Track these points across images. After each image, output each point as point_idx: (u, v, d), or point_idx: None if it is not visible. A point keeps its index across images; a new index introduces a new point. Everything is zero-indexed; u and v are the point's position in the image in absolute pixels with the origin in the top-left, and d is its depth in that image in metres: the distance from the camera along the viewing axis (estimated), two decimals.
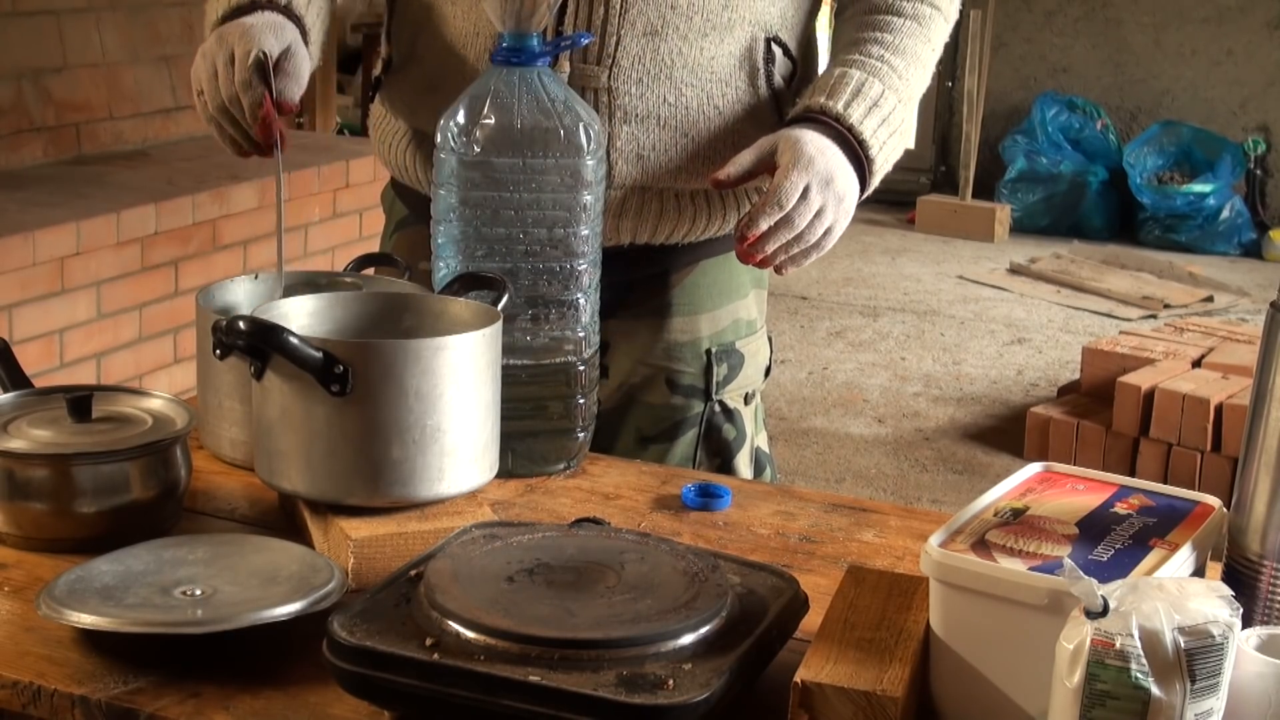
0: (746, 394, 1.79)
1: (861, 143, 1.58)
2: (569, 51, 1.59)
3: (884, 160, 1.62)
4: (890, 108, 1.61)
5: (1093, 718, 0.95)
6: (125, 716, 1.09)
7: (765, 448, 1.83)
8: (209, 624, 1.13)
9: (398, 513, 1.31)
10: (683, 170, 1.65)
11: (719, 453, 1.76)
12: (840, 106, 1.58)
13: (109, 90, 4.57)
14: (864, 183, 1.60)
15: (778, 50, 1.68)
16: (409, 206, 1.81)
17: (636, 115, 1.62)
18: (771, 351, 1.85)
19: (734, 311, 1.77)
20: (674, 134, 1.64)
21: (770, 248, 1.53)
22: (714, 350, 1.74)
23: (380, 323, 1.44)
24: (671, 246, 1.70)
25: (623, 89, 1.62)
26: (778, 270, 1.57)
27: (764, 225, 1.51)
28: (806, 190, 1.52)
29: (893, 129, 1.62)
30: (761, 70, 1.67)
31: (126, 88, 4.65)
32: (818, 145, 1.54)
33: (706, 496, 1.49)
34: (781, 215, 1.51)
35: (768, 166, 1.55)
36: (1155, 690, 0.94)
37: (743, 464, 1.78)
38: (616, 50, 1.60)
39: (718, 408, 1.75)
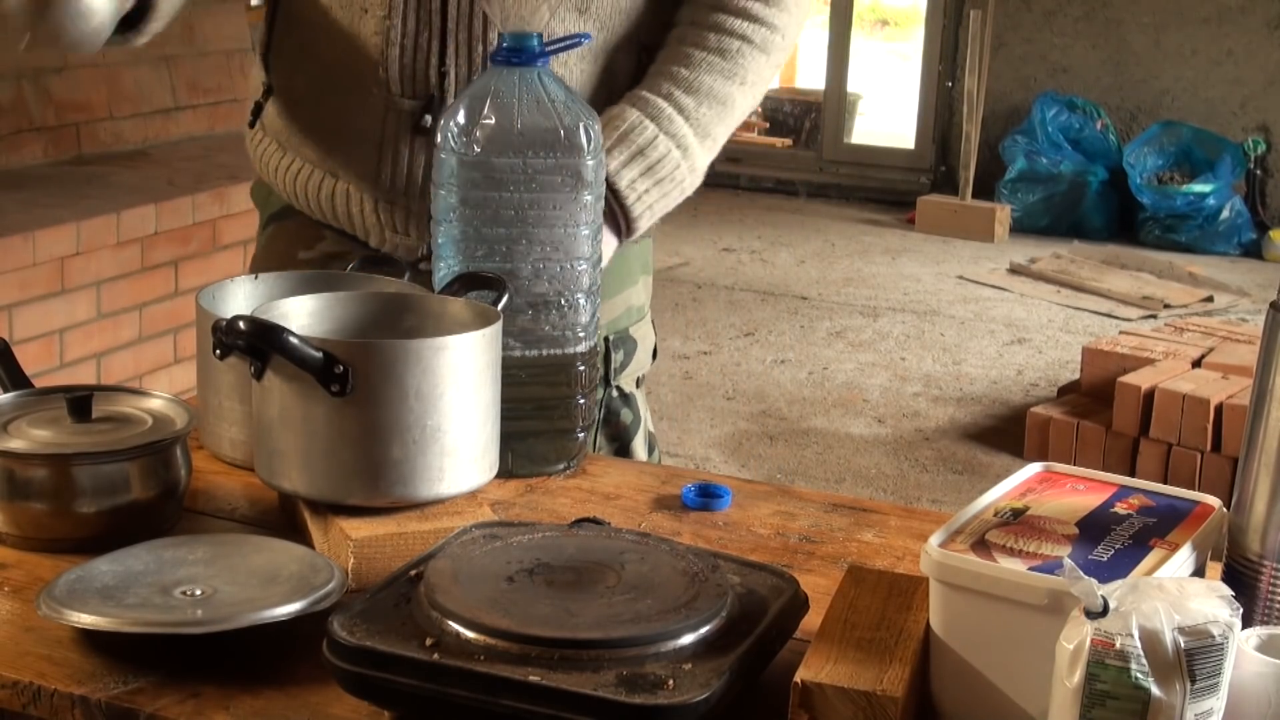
0: (638, 378, 1.83)
1: (616, 192, 1.61)
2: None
3: (645, 208, 1.64)
4: (661, 154, 1.63)
5: (1093, 718, 0.95)
6: (125, 716, 1.09)
7: (653, 429, 1.87)
8: (209, 624, 1.13)
9: (398, 513, 1.31)
10: None
11: (617, 437, 1.79)
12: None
13: (109, 90, 4.58)
14: (628, 226, 1.64)
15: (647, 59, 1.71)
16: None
17: None
18: (655, 334, 1.88)
19: (626, 299, 1.79)
20: None
21: None
22: (610, 337, 1.77)
23: (380, 323, 1.44)
24: None
25: None
26: None
27: None
28: None
29: (659, 176, 1.64)
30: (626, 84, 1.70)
31: (126, 88, 4.65)
32: None
33: (706, 496, 1.49)
34: None
35: None
36: (1155, 690, 0.94)
37: (639, 446, 1.81)
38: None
39: (615, 393, 1.78)
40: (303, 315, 1.41)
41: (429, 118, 1.65)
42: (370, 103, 1.67)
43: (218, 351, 1.30)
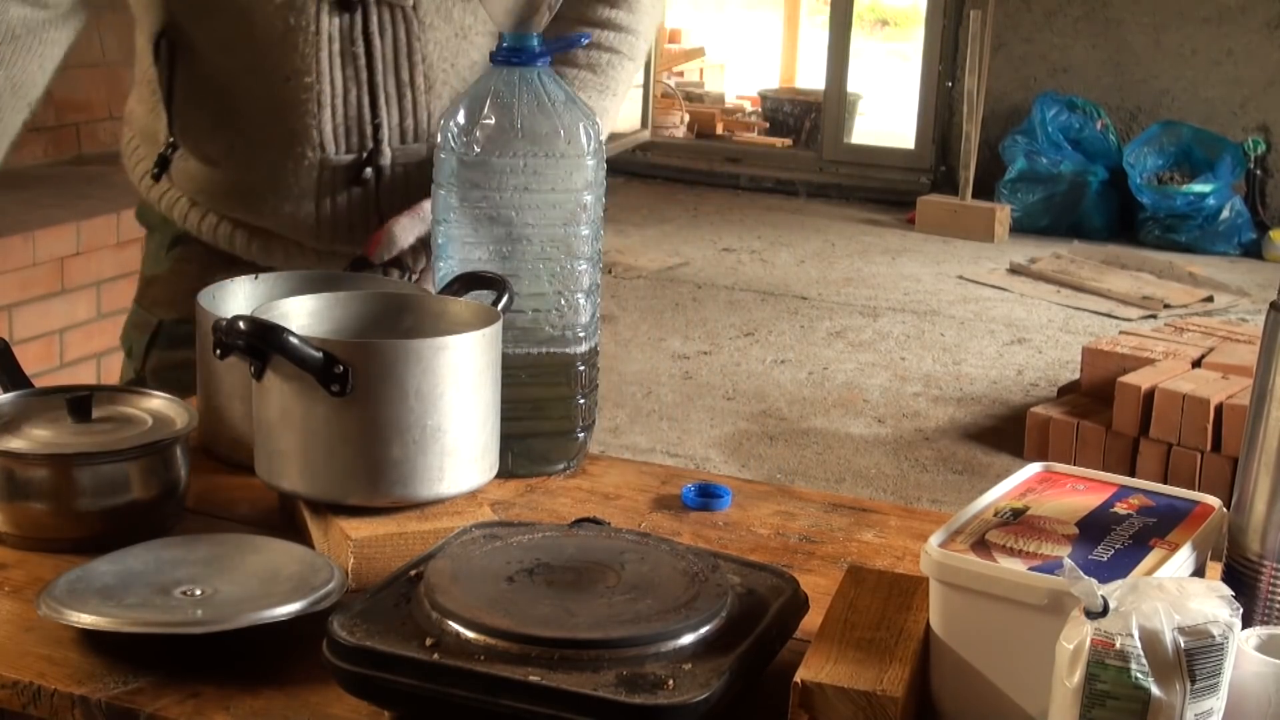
0: None
1: None
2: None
3: None
4: None
5: (1093, 718, 0.95)
6: (125, 716, 1.09)
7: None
8: (209, 624, 1.13)
9: (398, 513, 1.31)
10: None
11: None
12: None
13: (109, 90, 4.58)
14: None
15: None
16: None
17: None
18: None
19: None
20: None
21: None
22: None
23: (380, 323, 1.44)
24: None
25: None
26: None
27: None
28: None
29: None
30: None
31: (126, 88, 4.64)
32: None
33: (706, 496, 1.49)
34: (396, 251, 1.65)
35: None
36: (1155, 690, 0.94)
37: None
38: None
39: None
40: (303, 315, 1.41)
41: (369, 170, 1.65)
42: (304, 164, 1.66)
43: (218, 351, 1.30)
